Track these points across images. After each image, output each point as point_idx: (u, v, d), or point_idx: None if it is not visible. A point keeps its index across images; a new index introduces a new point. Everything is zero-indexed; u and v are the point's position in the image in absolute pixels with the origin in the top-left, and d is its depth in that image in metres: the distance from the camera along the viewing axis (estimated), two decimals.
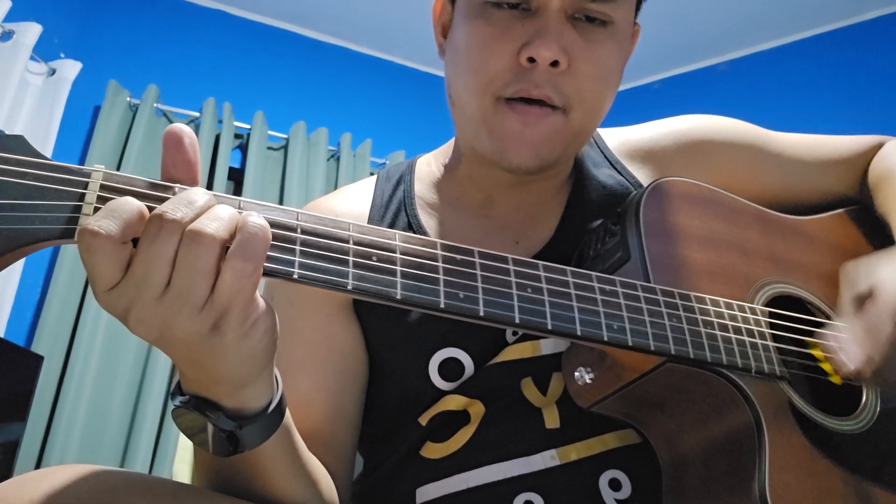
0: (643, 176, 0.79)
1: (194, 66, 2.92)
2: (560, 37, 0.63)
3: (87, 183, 0.42)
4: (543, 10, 0.64)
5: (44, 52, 2.46)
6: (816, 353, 0.65)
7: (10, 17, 2.28)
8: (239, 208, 0.45)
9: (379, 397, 0.74)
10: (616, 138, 0.83)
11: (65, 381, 2.27)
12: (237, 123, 2.84)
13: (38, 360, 2.11)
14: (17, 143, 0.41)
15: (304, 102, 3.05)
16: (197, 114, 2.79)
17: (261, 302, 0.46)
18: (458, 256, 0.51)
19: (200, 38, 2.98)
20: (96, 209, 0.41)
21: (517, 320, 0.51)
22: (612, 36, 0.67)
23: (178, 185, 0.45)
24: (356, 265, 0.47)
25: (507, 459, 0.66)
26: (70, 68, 2.52)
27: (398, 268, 0.48)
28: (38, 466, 2.18)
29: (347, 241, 0.47)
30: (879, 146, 0.86)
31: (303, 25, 3.17)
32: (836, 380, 0.64)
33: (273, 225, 0.46)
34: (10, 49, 2.29)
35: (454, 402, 0.69)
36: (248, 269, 0.42)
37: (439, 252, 0.51)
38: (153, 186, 0.44)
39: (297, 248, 0.46)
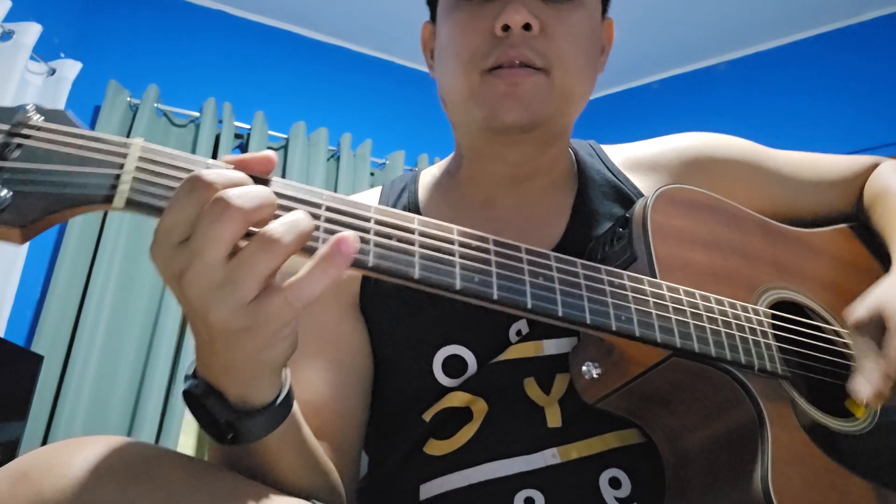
0: (646, 187, 0.81)
1: (194, 66, 2.92)
2: (528, 4, 0.68)
3: (127, 154, 0.44)
4: None
5: (44, 52, 2.46)
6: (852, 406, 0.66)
7: (10, 17, 2.28)
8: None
9: (383, 395, 0.75)
10: (620, 154, 0.86)
11: (65, 380, 2.27)
12: (237, 123, 2.84)
13: (38, 360, 2.11)
14: (62, 116, 0.45)
15: (304, 102, 3.05)
16: (197, 114, 2.79)
17: (296, 320, 0.46)
18: (474, 242, 0.53)
19: (200, 38, 2.98)
20: (135, 179, 0.43)
21: (529, 305, 0.52)
22: (580, 7, 0.72)
23: (210, 160, 0.46)
24: (377, 244, 0.48)
25: (509, 457, 0.66)
26: (70, 68, 2.52)
27: (416, 248, 0.50)
28: None
29: (369, 221, 0.49)
30: (874, 167, 0.88)
31: (303, 25, 3.17)
32: (858, 411, 0.65)
33: (298, 202, 0.47)
34: (10, 49, 2.29)
35: (457, 399, 0.69)
36: (316, 291, 0.42)
37: (455, 237, 0.52)
38: (189, 161, 0.46)
39: (322, 224, 0.47)
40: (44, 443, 2.20)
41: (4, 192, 0.40)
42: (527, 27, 0.68)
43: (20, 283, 2.31)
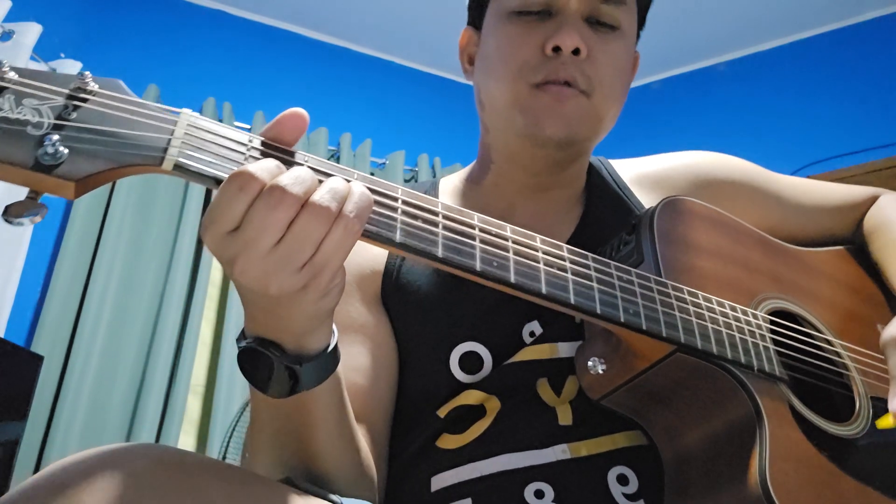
0: (651, 202, 0.83)
1: (194, 66, 2.93)
2: (580, 30, 0.73)
3: (177, 121, 0.48)
4: (562, 11, 0.74)
5: (44, 52, 2.46)
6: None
7: (10, 17, 2.28)
8: (304, 161, 0.51)
9: (400, 390, 0.76)
10: (628, 169, 0.89)
11: (65, 380, 2.27)
12: (237, 123, 2.85)
13: (38, 360, 2.11)
14: (115, 85, 0.48)
15: (303, 102, 2.99)
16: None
17: (342, 266, 0.51)
18: (493, 229, 0.56)
19: (200, 38, 2.99)
20: (183, 144, 0.47)
21: (544, 291, 0.55)
22: (621, 38, 0.77)
23: (255, 136, 0.50)
24: (403, 223, 0.52)
25: (520, 451, 0.68)
26: (70, 68, 2.52)
27: (440, 230, 0.53)
28: (37, 466, 2.18)
29: (396, 201, 0.52)
30: (874, 198, 0.94)
31: (303, 25, 3.18)
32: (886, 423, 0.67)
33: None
34: (10, 49, 2.30)
35: (472, 397, 0.71)
36: (356, 228, 0.48)
37: (476, 223, 0.56)
38: (232, 132, 0.49)
39: None
40: (43, 443, 2.20)
41: (62, 148, 0.43)
42: (576, 51, 0.72)
43: (20, 283, 2.32)
